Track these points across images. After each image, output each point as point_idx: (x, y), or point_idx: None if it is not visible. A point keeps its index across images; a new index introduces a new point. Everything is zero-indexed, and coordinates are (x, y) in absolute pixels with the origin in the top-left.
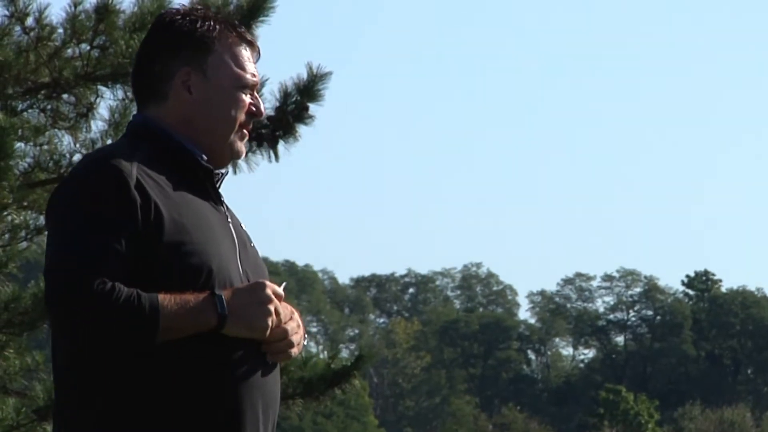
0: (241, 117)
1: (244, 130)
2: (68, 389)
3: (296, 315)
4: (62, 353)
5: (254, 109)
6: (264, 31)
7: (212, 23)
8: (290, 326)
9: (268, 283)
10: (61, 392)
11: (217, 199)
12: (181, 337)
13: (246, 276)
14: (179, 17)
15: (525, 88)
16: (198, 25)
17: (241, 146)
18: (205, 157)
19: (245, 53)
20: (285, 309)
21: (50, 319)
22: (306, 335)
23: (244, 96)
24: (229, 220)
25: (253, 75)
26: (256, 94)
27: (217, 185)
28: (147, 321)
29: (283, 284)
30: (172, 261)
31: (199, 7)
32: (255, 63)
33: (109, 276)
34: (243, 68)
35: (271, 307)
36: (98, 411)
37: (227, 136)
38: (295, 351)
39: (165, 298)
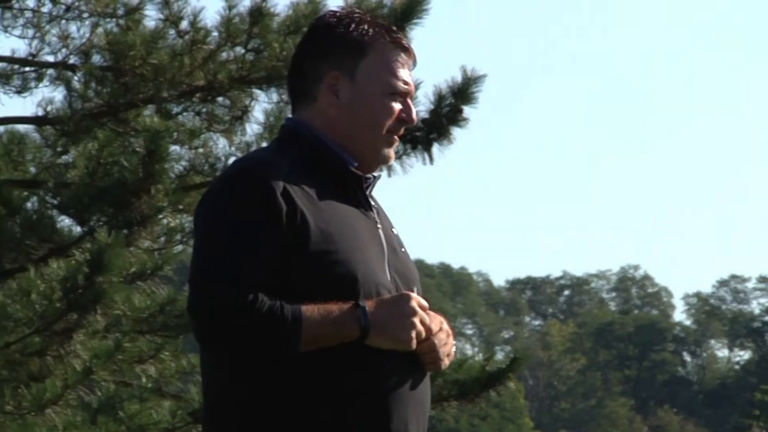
0: (388, 124)
1: (394, 136)
2: (214, 395)
3: (445, 325)
4: (207, 360)
5: (404, 116)
6: (418, 34)
7: (366, 27)
8: (439, 338)
9: (413, 295)
10: (208, 398)
11: (367, 205)
12: (323, 347)
13: (395, 283)
14: (335, 20)
15: (689, 84)
16: (352, 29)
17: (390, 152)
18: (355, 163)
19: (399, 59)
20: (434, 320)
21: (192, 328)
22: (454, 340)
23: (393, 103)
24: (379, 225)
25: (405, 82)
26: (409, 101)
27: (369, 190)
28: (289, 333)
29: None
30: (318, 270)
31: (357, 10)
32: (411, 69)
33: (252, 286)
34: (395, 75)
35: (416, 320)
36: (243, 418)
37: (372, 142)
38: (444, 363)
39: (308, 309)
